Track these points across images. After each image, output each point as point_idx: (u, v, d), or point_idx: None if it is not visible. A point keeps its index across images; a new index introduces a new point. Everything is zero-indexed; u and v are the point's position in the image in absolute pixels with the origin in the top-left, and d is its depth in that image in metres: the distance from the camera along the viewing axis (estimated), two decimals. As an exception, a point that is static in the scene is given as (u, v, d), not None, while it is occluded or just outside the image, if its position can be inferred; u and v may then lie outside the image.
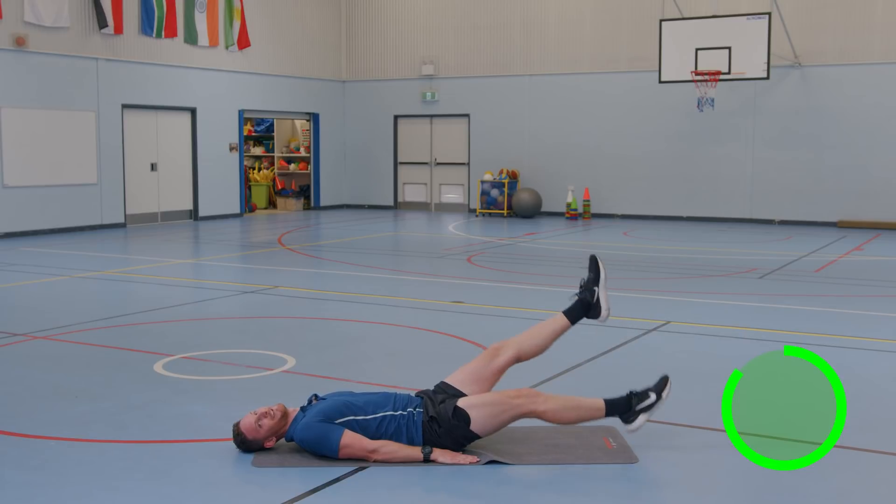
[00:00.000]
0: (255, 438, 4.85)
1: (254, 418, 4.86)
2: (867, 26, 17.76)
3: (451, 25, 21.69)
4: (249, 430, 4.84)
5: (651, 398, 5.01)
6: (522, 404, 4.82)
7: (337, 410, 4.82)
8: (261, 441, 4.86)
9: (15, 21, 15.94)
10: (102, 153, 17.40)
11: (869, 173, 17.91)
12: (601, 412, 4.97)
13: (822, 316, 8.91)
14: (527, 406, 4.82)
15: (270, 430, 4.86)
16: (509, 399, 4.83)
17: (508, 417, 4.84)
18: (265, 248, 14.89)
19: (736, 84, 18.02)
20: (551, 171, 20.71)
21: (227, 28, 19.85)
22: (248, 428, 4.85)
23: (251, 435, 4.85)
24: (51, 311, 9.08)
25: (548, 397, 4.90)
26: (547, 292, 10.29)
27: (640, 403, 5.01)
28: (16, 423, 5.46)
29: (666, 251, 14.19)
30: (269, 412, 4.88)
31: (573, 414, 4.93)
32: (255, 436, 4.85)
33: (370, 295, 10.05)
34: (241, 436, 4.86)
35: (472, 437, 4.85)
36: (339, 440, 4.71)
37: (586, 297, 5.22)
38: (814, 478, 4.61)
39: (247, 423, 4.86)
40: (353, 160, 23.23)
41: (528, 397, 4.85)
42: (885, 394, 6.21)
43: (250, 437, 4.85)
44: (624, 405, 5.01)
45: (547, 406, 4.85)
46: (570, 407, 4.92)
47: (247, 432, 4.85)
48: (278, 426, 4.88)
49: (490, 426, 4.83)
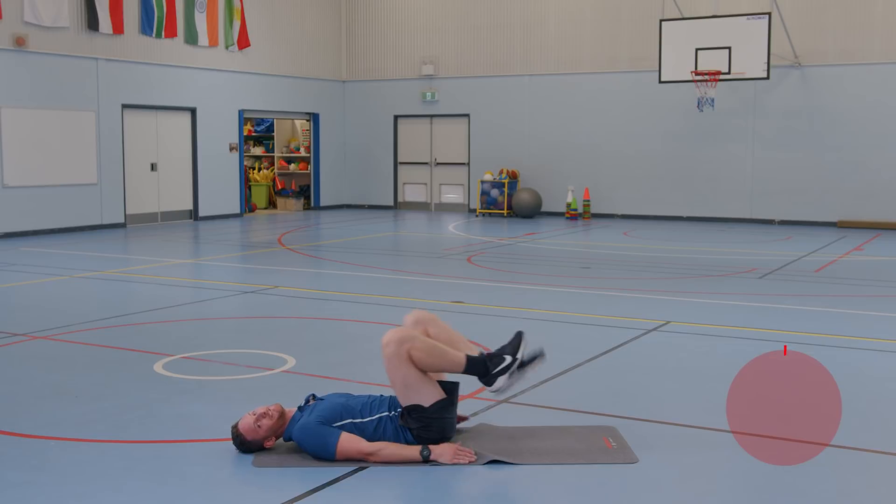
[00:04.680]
0: (255, 439, 4.85)
1: (252, 419, 4.85)
2: (867, 26, 17.76)
3: (451, 25, 21.69)
4: (248, 431, 4.84)
5: (507, 360, 4.91)
6: (406, 351, 4.73)
7: (335, 413, 4.82)
8: (260, 441, 4.86)
9: (15, 21, 15.94)
10: (102, 153, 17.40)
11: (869, 173, 17.91)
12: (461, 367, 4.87)
13: (822, 316, 8.90)
14: (406, 352, 4.73)
15: (269, 430, 4.86)
16: (399, 356, 4.73)
17: (413, 369, 4.75)
18: (265, 248, 14.89)
19: (736, 84, 18.02)
20: (551, 171, 20.71)
21: (227, 28, 19.85)
22: (246, 429, 4.84)
23: (250, 436, 4.84)
24: (51, 311, 9.08)
25: (422, 342, 4.78)
26: (547, 292, 10.29)
27: (497, 366, 4.91)
28: (16, 423, 5.46)
29: (666, 251, 14.19)
30: (267, 412, 4.87)
31: (436, 361, 4.81)
32: (254, 436, 4.85)
33: (370, 295, 10.05)
34: (241, 437, 4.86)
35: (435, 407, 4.79)
36: (336, 444, 4.71)
37: (495, 361, 4.94)
38: (814, 478, 4.61)
39: (245, 424, 4.86)
40: (353, 160, 23.23)
41: (408, 342, 4.74)
42: (885, 394, 6.21)
43: (249, 438, 4.85)
44: (481, 367, 4.92)
45: (416, 353, 4.74)
46: (434, 354, 4.80)
47: (246, 433, 4.84)
48: (276, 426, 4.88)
49: (419, 384, 4.76)
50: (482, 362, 4.92)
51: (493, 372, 4.91)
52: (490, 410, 5.63)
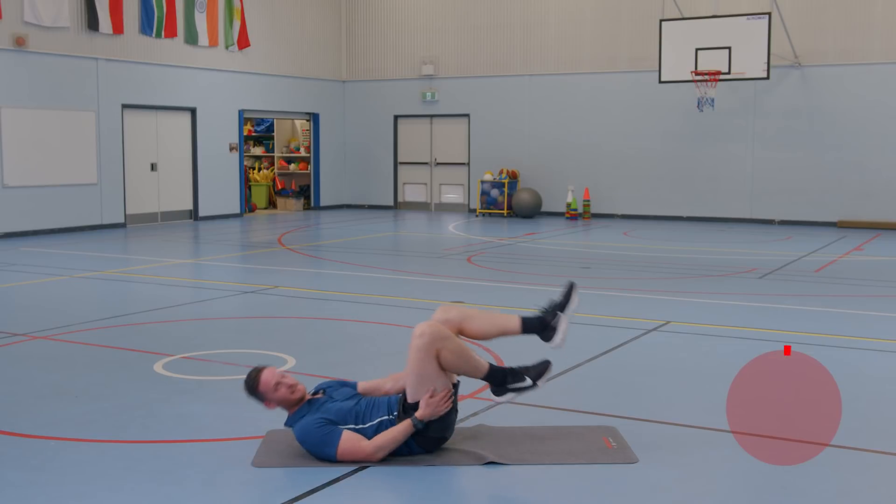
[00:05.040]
0: (263, 394, 4.83)
1: (275, 378, 4.83)
2: (867, 26, 17.76)
3: (451, 25, 21.69)
4: (264, 385, 4.82)
5: (525, 383, 4.91)
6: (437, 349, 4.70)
7: (340, 416, 4.82)
8: (265, 398, 4.85)
9: (15, 21, 15.94)
10: (102, 153, 17.40)
11: (869, 173, 17.91)
12: (481, 375, 4.88)
13: (822, 316, 8.91)
14: (437, 350, 4.70)
15: (281, 399, 4.84)
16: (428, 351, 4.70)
17: (435, 365, 4.72)
18: (265, 248, 14.89)
19: (736, 84, 18.02)
20: (551, 171, 20.71)
21: (227, 28, 19.85)
22: (265, 381, 4.82)
23: (263, 388, 4.83)
24: (51, 311, 9.08)
25: (455, 345, 4.74)
26: (547, 292, 10.28)
27: (515, 383, 4.92)
28: (16, 423, 5.46)
29: (666, 251, 14.19)
30: (292, 385, 4.84)
31: (461, 365, 4.79)
32: (265, 391, 4.82)
33: (370, 295, 10.05)
34: (255, 383, 4.84)
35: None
36: (338, 444, 4.70)
37: (547, 318, 5.02)
38: (814, 478, 4.61)
39: (267, 377, 4.83)
40: (353, 160, 23.23)
41: (441, 341, 4.70)
42: (885, 394, 6.21)
43: (260, 390, 4.83)
44: (499, 379, 4.92)
45: (445, 353, 4.71)
46: (462, 358, 4.77)
47: (261, 384, 4.82)
48: (289, 401, 4.86)
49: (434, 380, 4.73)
50: (502, 375, 4.93)
51: (509, 387, 4.93)
52: (490, 410, 5.62)
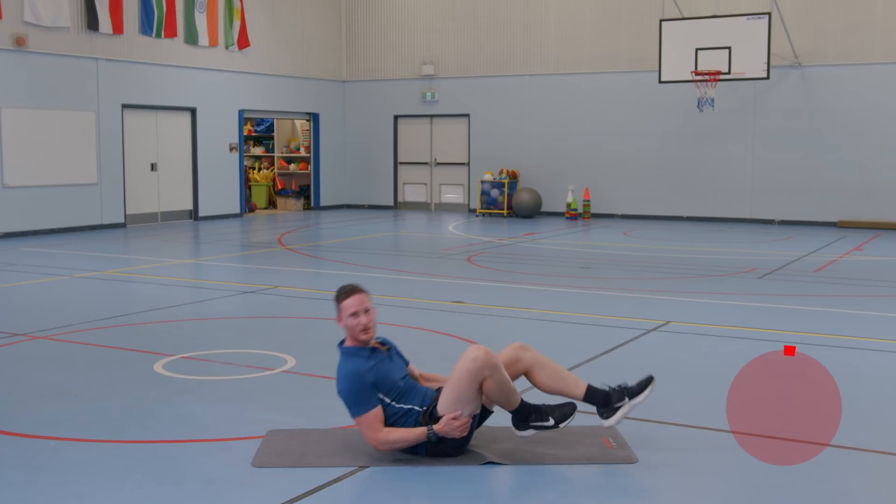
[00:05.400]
0: (342, 309, 4.87)
1: (359, 307, 4.85)
2: (867, 26, 17.76)
3: (451, 25, 21.69)
4: (347, 305, 4.86)
5: (549, 423, 4.92)
6: (484, 377, 4.71)
7: (384, 386, 4.83)
8: (339, 315, 4.89)
9: (15, 21, 15.94)
10: (102, 153, 17.40)
11: (869, 173, 17.91)
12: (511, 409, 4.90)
13: (822, 316, 8.90)
14: (483, 378, 4.71)
15: (349, 327, 4.86)
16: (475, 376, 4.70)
17: (475, 390, 4.73)
18: (265, 248, 14.89)
19: (736, 84, 18.02)
20: (551, 171, 20.71)
21: (227, 28, 19.85)
22: (349, 303, 4.86)
23: (343, 305, 4.87)
24: (51, 311, 9.08)
25: (501, 378, 4.76)
26: (547, 292, 10.29)
27: (538, 421, 4.92)
28: (16, 423, 5.46)
29: (666, 251, 14.19)
30: (366, 326, 4.86)
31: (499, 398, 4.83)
32: (343, 308, 4.87)
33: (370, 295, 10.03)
34: (343, 295, 4.89)
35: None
36: (360, 415, 4.74)
37: (612, 398, 4.95)
38: (814, 478, 4.61)
39: (353, 301, 4.86)
40: (353, 160, 23.23)
41: (490, 372, 4.71)
42: (885, 394, 6.21)
43: (341, 304, 4.88)
44: (524, 415, 4.92)
45: (489, 384, 4.73)
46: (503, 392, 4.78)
47: (346, 301, 4.87)
48: (356, 335, 4.86)
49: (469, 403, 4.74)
50: (528, 413, 4.93)
51: (531, 424, 4.94)
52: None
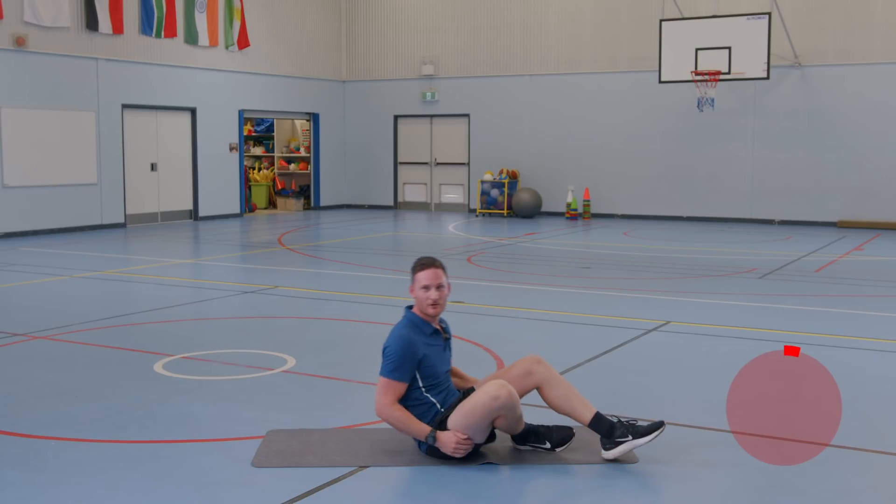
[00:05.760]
0: (415, 280, 4.93)
1: (433, 281, 4.91)
2: (867, 26, 17.76)
3: (451, 25, 21.69)
4: (421, 276, 4.93)
5: (545, 445, 4.93)
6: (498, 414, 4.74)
7: (426, 369, 4.86)
8: (412, 284, 4.95)
9: (15, 21, 15.94)
10: (102, 153, 17.40)
11: (869, 173, 17.91)
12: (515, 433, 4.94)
13: (822, 316, 8.91)
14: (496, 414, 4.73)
15: (418, 299, 4.92)
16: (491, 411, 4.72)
17: (488, 422, 4.76)
18: (265, 248, 14.89)
19: (736, 84, 18.02)
20: (551, 171, 20.71)
21: (227, 28, 19.85)
22: (424, 275, 4.93)
23: (418, 276, 4.93)
24: (51, 311, 9.08)
25: (515, 416, 4.79)
26: (547, 292, 10.29)
27: (535, 442, 4.94)
28: (16, 423, 5.46)
29: (666, 251, 14.19)
30: (436, 303, 4.91)
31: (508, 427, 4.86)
32: (417, 279, 4.93)
33: (370, 295, 10.05)
34: (420, 266, 4.96)
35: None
36: (391, 378, 4.78)
37: (617, 431, 4.88)
38: (814, 478, 4.61)
39: (430, 274, 4.92)
40: (353, 160, 23.23)
41: (506, 411, 4.74)
42: (885, 394, 6.21)
43: (416, 275, 4.94)
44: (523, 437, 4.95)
45: (501, 421, 4.77)
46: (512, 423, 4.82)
47: (421, 272, 4.94)
48: (423, 308, 4.92)
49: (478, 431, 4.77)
50: (527, 435, 4.95)
51: (529, 443, 4.96)
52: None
